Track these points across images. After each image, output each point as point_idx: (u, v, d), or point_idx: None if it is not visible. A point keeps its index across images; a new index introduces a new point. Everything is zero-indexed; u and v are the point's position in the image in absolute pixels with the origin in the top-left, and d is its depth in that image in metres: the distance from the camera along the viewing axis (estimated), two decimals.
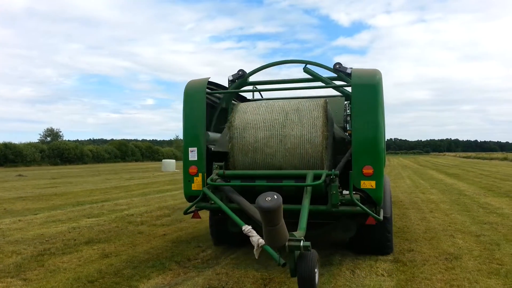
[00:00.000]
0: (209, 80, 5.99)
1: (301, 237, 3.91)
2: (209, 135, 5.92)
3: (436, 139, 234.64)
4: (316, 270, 3.77)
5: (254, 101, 6.94)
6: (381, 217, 5.15)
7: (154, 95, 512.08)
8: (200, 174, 5.59)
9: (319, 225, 5.63)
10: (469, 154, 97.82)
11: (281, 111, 5.58)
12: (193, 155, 5.63)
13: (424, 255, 5.99)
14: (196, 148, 5.63)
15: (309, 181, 4.87)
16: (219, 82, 6.53)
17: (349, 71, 5.90)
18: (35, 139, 79.58)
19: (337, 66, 6.06)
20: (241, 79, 6.59)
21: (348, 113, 6.41)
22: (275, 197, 3.55)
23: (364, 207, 4.89)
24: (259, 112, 5.68)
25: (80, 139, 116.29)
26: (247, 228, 4.26)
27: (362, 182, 4.99)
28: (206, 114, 5.75)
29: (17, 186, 18.79)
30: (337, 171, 5.01)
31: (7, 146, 44.11)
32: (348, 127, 6.34)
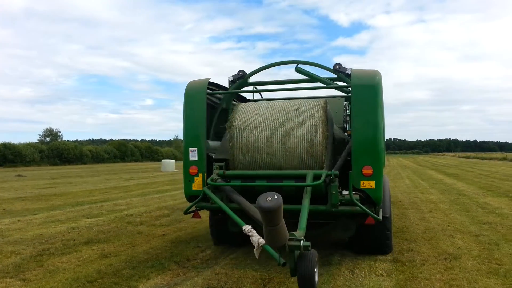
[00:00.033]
0: (209, 80, 6.01)
1: (301, 237, 3.92)
2: (209, 143, 5.95)
3: (436, 139, 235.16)
4: (316, 270, 3.78)
5: (255, 102, 6.96)
6: (380, 217, 5.18)
7: (154, 95, 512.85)
8: (201, 174, 5.61)
9: (319, 225, 5.65)
10: (468, 154, 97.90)
11: (281, 111, 5.60)
12: (193, 155, 5.66)
13: (423, 255, 6.00)
14: (197, 148, 5.66)
15: (309, 181, 4.88)
16: (218, 82, 6.56)
17: (349, 71, 5.93)
18: (34, 139, 79.43)
19: (337, 67, 6.09)
20: (241, 80, 6.61)
21: (348, 113, 6.44)
22: (276, 197, 3.56)
23: (364, 207, 4.91)
24: (259, 112, 5.69)
25: (79, 139, 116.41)
26: (247, 228, 4.27)
27: (361, 182, 5.01)
28: (207, 115, 5.78)
29: (16, 186, 18.77)
30: (337, 171, 5.03)
31: (6, 146, 44.03)
32: (348, 127, 6.36)
